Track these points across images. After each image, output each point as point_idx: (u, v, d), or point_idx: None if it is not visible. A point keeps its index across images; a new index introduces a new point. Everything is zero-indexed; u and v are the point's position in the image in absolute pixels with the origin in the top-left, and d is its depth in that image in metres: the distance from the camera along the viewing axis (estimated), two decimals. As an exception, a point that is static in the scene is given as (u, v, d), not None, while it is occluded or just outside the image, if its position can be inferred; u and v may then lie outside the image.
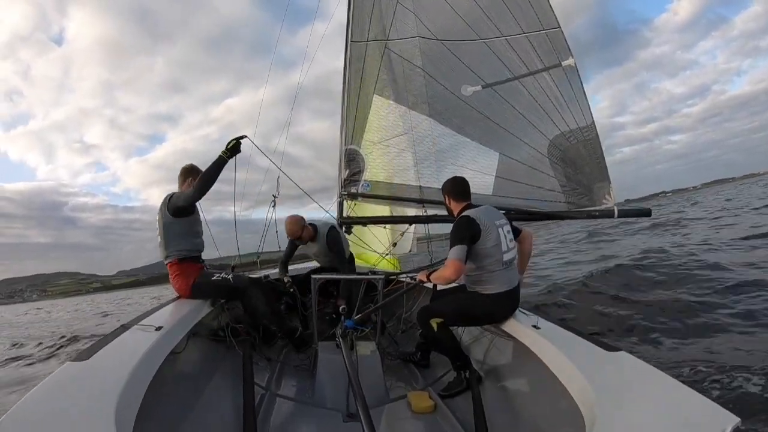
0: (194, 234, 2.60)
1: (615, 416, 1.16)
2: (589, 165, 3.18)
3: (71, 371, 1.30)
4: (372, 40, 3.75)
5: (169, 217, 2.49)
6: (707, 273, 5.63)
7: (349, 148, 3.78)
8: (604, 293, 5.37)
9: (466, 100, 3.48)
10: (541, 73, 3.29)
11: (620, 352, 1.57)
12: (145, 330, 1.75)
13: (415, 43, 3.63)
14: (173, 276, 2.54)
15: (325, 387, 2.21)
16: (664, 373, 1.37)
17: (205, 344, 2.33)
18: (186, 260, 2.53)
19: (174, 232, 2.51)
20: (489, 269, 2.12)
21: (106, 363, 1.38)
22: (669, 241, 9.85)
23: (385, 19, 3.71)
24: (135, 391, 1.25)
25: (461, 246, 2.05)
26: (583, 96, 3.20)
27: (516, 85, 3.36)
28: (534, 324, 1.96)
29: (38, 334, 10.88)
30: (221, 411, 1.87)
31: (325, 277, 2.85)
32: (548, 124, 3.28)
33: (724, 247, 7.71)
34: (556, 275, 7.52)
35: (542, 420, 1.66)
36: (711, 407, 1.13)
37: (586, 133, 3.19)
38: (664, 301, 4.70)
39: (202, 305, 2.43)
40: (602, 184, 3.14)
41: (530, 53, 3.30)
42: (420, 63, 3.61)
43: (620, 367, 1.46)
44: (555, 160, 3.27)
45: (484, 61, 3.43)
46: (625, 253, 8.71)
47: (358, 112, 3.78)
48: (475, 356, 2.42)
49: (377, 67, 3.72)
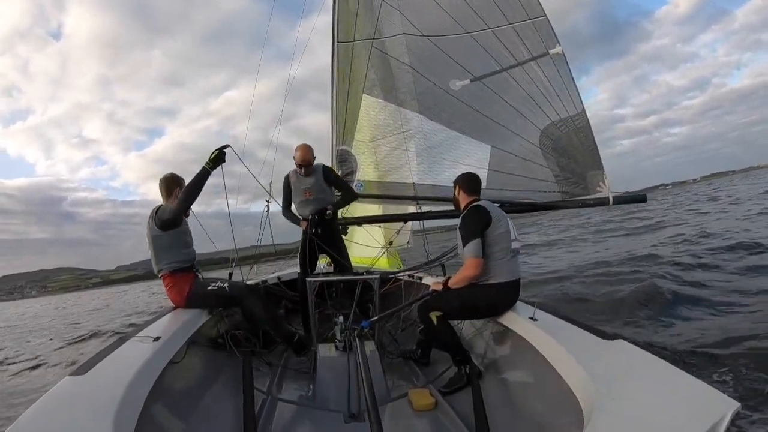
0: (184, 245, 2.57)
1: (613, 405, 1.15)
2: (581, 153, 3.16)
3: (70, 386, 1.30)
4: (358, 39, 3.74)
5: (156, 230, 2.46)
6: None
7: (340, 149, 3.77)
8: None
9: (455, 94, 3.46)
10: (529, 63, 3.27)
11: (618, 340, 1.56)
12: (142, 341, 1.75)
13: (401, 40, 3.61)
14: (168, 288, 2.53)
15: (326, 389, 2.20)
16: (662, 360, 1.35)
17: (204, 352, 2.32)
18: (178, 272, 2.51)
19: (163, 246, 2.48)
20: (497, 257, 2.12)
21: (105, 376, 1.38)
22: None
23: (370, 18, 3.70)
24: (133, 404, 1.24)
25: (476, 241, 2.06)
26: (572, 84, 3.19)
27: (505, 76, 3.34)
28: (531, 316, 1.95)
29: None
30: (222, 418, 1.87)
31: (320, 279, 2.83)
32: (539, 114, 3.26)
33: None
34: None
35: (542, 413, 1.65)
36: (711, 393, 1.12)
37: (577, 121, 3.17)
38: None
39: (200, 314, 2.42)
40: (596, 172, 3.12)
41: (517, 44, 3.28)
42: (407, 60, 3.59)
43: (618, 356, 1.45)
44: (547, 150, 3.25)
45: (472, 54, 3.41)
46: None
47: (347, 112, 3.77)
48: (475, 351, 2.41)
49: (365, 67, 3.71)
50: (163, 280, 2.53)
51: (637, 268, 6.12)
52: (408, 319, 3.31)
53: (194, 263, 2.63)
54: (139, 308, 14.38)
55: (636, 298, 4.43)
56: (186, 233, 2.62)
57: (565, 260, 8.83)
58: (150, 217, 2.51)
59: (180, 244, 2.54)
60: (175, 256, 2.50)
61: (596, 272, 6.50)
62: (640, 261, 6.78)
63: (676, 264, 6.09)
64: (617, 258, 7.62)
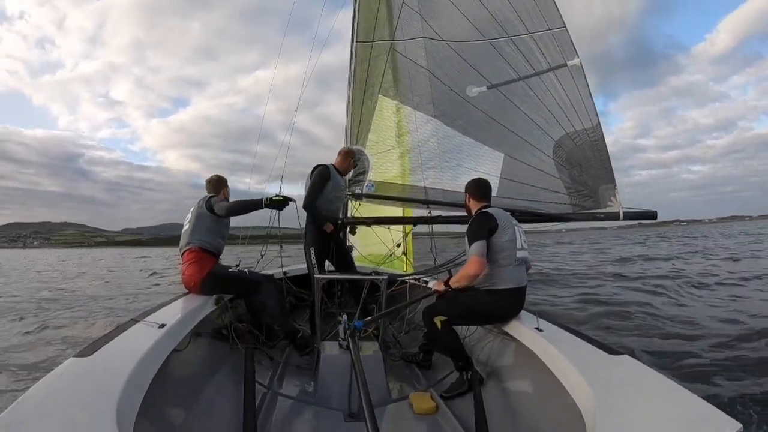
0: (220, 234, 2.74)
1: (616, 420, 1.16)
2: (594, 167, 3.15)
3: (74, 367, 1.31)
4: (377, 40, 3.76)
5: (205, 211, 2.66)
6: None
7: (354, 148, 3.79)
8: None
9: (471, 100, 3.47)
10: (547, 73, 3.27)
11: (623, 356, 1.56)
12: (148, 327, 1.77)
13: (420, 43, 3.63)
14: (189, 263, 2.58)
15: (327, 386, 2.21)
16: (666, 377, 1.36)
17: (208, 343, 2.35)
18: (205, 251, 2.63)
19: (204, 225, 2.66)
20: (501, 264, 2.14)
21: (109, 360, 1.39)
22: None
23: (390, 20, 3.72)
24: (137, 389, 1.26)
25: (481, 242, 2.08)
26: (588, 96, 3.17)
27: (521, 85, 3.34)
28: (536, 326, 1.95)
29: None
30: (222, 409, 1.89)
31: (328, 276, 2.86)
32: (553, 125, 3.25)
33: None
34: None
35: (543, 423, 1.65)
36: (713, 412, 1.12)
37: (591, 134, 3.16)
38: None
39: (206, 303, 2.45)
40: (608, 186, 3.11)
41: (536, 53, 3.28)
42: (425, 64, 3.61)
43: (622, 371, 1.45)
44: (560, 162, 3.24)
45: (490, 61, 3.41)
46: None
47: (363, 112, 3.79)
48: (478, 357, 2.41)
49: (382, 68, 3.73)
50: (187, 255, 2.62)
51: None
52: (412, 321, 3.33)
53: (220, 255, 2.76)
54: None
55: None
56: (226, 227, 2.80)
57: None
58: (200, 200, 2.74)
59: (218, 232, 2.71)
60: (210, 238, 2.66)
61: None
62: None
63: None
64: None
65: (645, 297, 6.32)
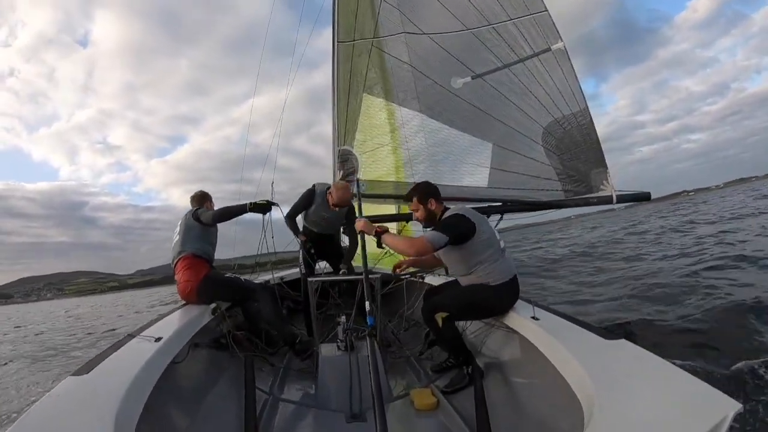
0: (210, 241, 2.79)
1: (615, 405, 1.14)
2: (585, 151, 3.12)
3: (71, 386, 1.30)
4: (358, 39, 3.73)
5: (192, 221, 2.71)
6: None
7: (341, 148, 3.76)
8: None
9: (456, 92, 3.44)
10: (532, 59, 3.24)
11: (620, 340, 1.54)
12: (144, 341, 1.75)
13: (401, 39, 3.60)
14: (184, 270, 2.59)
15: (328, 389, 2.20)
16: (664, 360, 1.33)
17: (206, 353, 2.32)
18: (198, 257, 2.66)
19: (194, 234, 2.70)
20: (491, 260, 2.11)
21: (106, 376, 1.38)
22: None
23: (370, 17, 3.68)
24: (134, 405, 1.25)
25: (444, 237, 2.01)
26: (575, 80, 3.15)
27: (506, 73, 3.32)
28: (532, 315, 1.93)
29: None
30: (224, 418, 1.87)
31: (321, 279, 2.84)
32: (541, 111, 3.23)
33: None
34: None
35: (543, 413, 1.64)
36: (712, 393, 1.10)
37: (580, 118, 3.13)
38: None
39: (202, 314, 2.42)
40: (599, 170, 3.09)
41: (518, 40, 3.25)
42: (407, 59, 3.58)
43: (620, 356, 1.44)
44: (550, 148, 3.21)
45: (473, 51, 3.39)
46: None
47: (348, 112, 3.76)
48: (477, 351, 2.39)
49: (365, 66, 3.69)
50: (181, 263, 2.63)
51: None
52: (411, 319, 3.31)
53: (212, 263, 2.78)
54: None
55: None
56: (214, 235, 2.85)
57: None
58: (188, 213, 2.81)
59: (207, 239, 2.76)
60: (201, 246, 2.70)
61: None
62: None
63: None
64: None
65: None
